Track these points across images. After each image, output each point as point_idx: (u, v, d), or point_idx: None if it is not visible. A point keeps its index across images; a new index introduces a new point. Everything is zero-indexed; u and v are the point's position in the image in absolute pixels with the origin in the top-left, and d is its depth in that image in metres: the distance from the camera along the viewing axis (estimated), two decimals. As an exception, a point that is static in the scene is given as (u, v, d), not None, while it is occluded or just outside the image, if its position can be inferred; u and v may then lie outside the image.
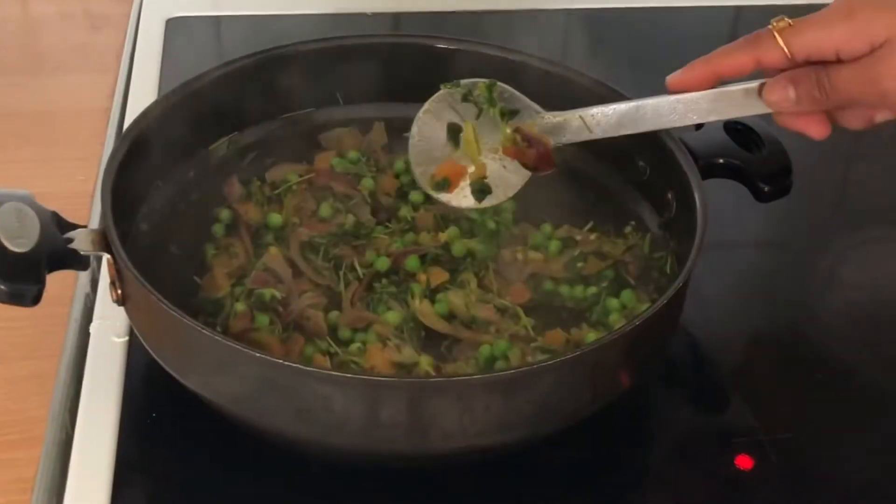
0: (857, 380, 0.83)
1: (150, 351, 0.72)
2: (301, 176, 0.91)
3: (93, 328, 0.83)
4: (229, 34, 1.25)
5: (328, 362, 0.76)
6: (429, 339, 0.80)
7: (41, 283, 0.69)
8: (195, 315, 0.79)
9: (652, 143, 0.83)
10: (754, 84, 0.77)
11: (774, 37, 0.74)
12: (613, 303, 0.82)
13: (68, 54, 1.20)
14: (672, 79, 0.79)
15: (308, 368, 0.65)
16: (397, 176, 0.93)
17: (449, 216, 0.88)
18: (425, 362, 0.76)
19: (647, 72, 0.97)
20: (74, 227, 0.72)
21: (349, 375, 0.66)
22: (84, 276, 0.88)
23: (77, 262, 0.71)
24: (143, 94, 1.09)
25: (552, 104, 0.86)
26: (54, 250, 0.70)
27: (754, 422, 0.77)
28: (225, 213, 0.88)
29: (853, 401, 0.81)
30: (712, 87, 0.78)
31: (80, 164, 1.00)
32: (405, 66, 0.93)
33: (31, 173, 1.00)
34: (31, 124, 1.08)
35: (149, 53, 1.18)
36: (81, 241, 0.71)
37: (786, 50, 0.73)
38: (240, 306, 0.79)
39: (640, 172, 0.86)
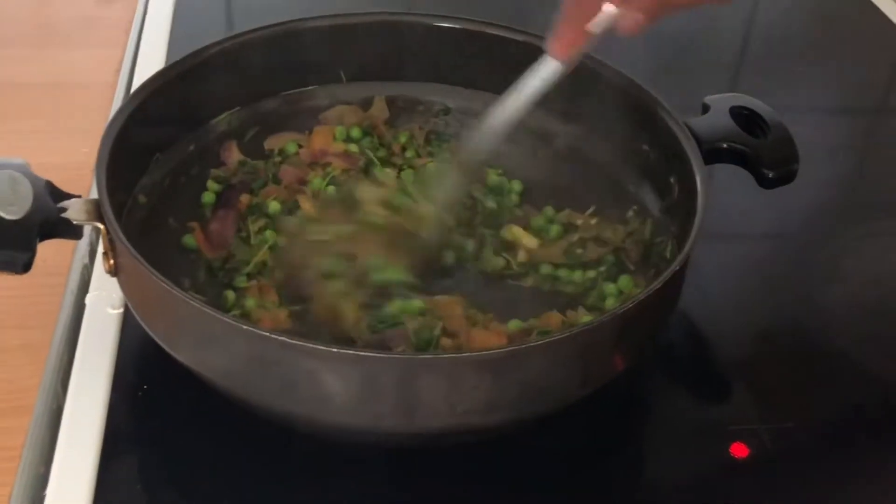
0: (859, 372, 0.82)
1: (142, 323, 0.72)
2: (300, 146, 0.92)
3: (88, 299, 0.83)
4: (239, 9, 1.25)
5: None
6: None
7: (32, 251, 0.69)
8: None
9: (656, 127, 0.83)
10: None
11: None
12: (610, 288, 0.82)
13: (76, 28, 1.20)
14: (554, 48, 0.76)
15: (295, 342, 0.64)
16: (403, 150, 0.93)
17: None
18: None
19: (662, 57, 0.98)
20: (69, 196, 0.72)
21: (336, 350, 0.65)
22: (82, 247, 0.89)
23: (70, 231, 0.72)
24: (150, 68, 1.09)
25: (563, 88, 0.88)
26: (47, 219, 0.70)
27: (752, 411, 0.77)
28: (214, 185, 0.88)
29: (854, 393, 0.81)
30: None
31: (85, 137, 0.97)
32: (410, 44, 0.93)
33: (35, 144, 1.01)
34: (37, 96, 1.08)
35: (157, 28, 1.19)
36: (75, 211, 0.71)
37: None
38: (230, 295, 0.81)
39: (643, 156, 0.86)
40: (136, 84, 1.04)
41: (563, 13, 0.75)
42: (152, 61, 1.12)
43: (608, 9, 0.72)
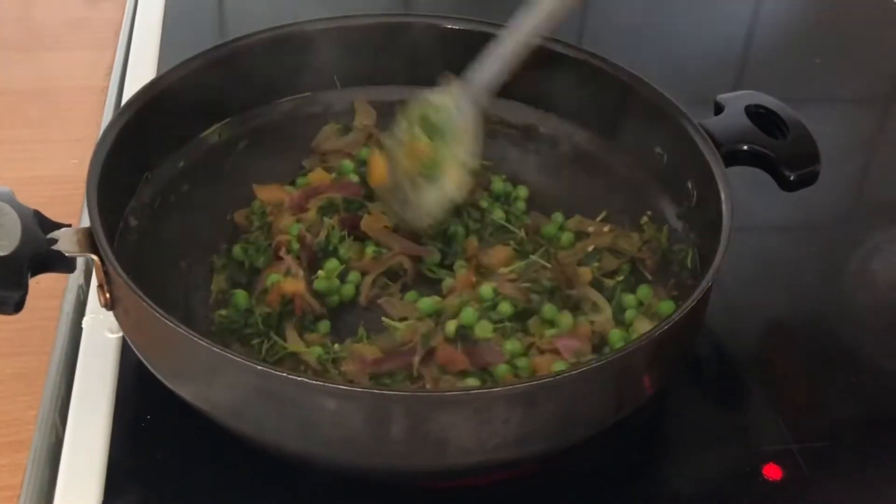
0: (893, 383, 0.74)
1: (142, 358, 0.64)
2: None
3: (85, 323, 0.74)
4: (232, 8, 1.16)
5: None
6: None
7: (23, 289, 0.60)
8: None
9: (670, 129, 0.75)
10: None
11: None
12: (629, 299, 0.74)
13: (65, 30, 1.11)
14: None
15: (311, 381, 0.56)
16: None
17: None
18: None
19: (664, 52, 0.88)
20: (59, 225, 0.63)
21: (357, 389, 0.57)
22: (77, 267, 0.78)
23: (62, 264, 0.63)
24: (142, 72, 1.01)
25: (564, 85, 0.80)
26: (37, 252, 0.61)
27: (783, 428, 0.69)
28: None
29: (890, 406, 0.72)
30: None
31: (75, 147, 0.90)
32: (408, 47, 0.84)
33: (24, 155, 0.92)
34: (24, 103, 0.99)
35: (148, 29, 1.09)
36: (66, 242, 0.62)
37: None
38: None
39: (657, 160, 0.77)
40: (129, 88, 0.97)
41: None
42: (144, 63, 1.03)
43: None
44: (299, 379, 0.56)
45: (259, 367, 0.56)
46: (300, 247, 0.76)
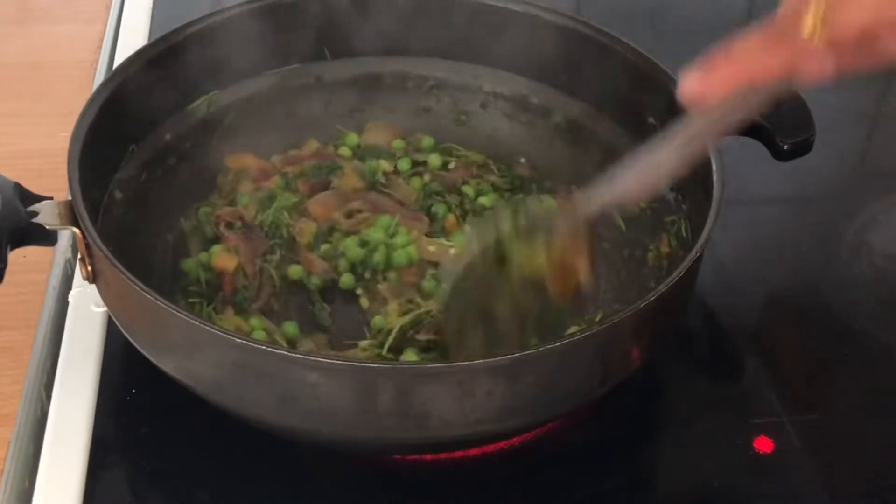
0: (887, 356, 0.74)
1: (124, 332, 0.64)
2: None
3: (72, 296, 0.74)
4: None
5: None
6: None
7: (2, 262, 0.60)
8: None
9: (662, 98, 0.73)
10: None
11: (810, 32, 0.55)
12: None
13: (55, 2, 1.10)
14: (690, 87, 0.58)
15: (293, 354, 0.56)
16: None
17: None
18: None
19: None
20: (40, 198, 0.63)
21: (339, 362, 0.57)
22: (64, 240, 0.80)
23: (43, 237, 0.62)
24: (133, 44, 0.99)
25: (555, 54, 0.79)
26: (17, 225, 0.61)
27: (775, 401, 0.69)
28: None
29: (884, 380, 0.72)
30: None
31: (64, 120, 0.87)
32: (400, 18, 0.83)
33: (13, 129, 0.91)
34: (13, 76, 0.98)
35: (139, 1, 1.08)
36: (47, 215, 0.62)
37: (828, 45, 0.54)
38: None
39: (649, 130, 0.76)
40: (119, 61, 0.95)
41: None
42: (134, 35, 1.02)
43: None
44: (279, 352, 0.56)
45: (238, 340, 0.56)
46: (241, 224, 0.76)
